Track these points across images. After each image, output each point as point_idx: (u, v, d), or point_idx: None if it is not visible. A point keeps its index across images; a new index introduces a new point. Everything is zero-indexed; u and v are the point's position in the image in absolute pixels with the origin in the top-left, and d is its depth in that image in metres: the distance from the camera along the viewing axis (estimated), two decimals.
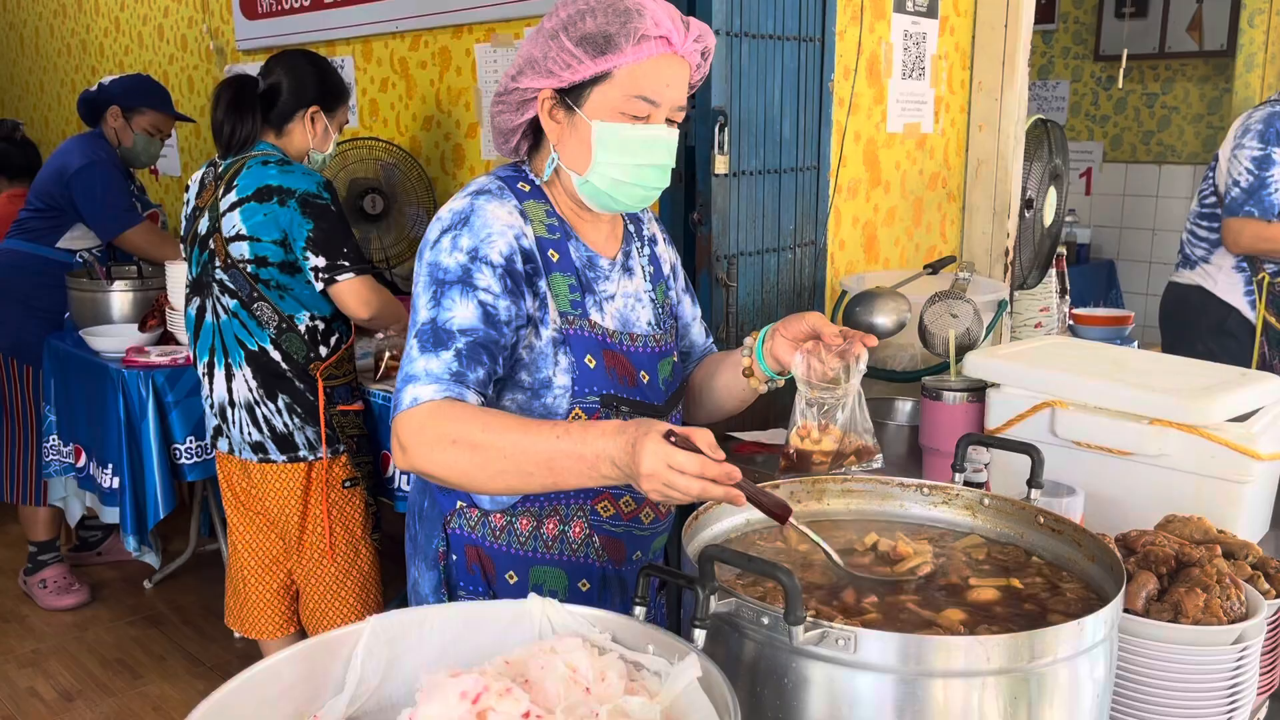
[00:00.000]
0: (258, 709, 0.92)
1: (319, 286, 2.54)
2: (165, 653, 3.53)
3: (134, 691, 3.30)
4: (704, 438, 1.17)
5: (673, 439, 1.16)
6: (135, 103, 3.82)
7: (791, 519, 1.18)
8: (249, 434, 2.62)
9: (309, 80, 2.68)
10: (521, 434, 1.28)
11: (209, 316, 2.63)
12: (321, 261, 2.51)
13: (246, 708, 0.91)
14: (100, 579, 4.08)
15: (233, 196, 2.54)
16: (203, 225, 2.61)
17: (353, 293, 2.54)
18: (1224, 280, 3.26)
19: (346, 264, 2.53)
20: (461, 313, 1.39)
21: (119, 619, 3.78)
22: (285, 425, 2.61)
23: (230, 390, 2.61)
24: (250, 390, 2.59)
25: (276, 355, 2.58)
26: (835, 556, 1.20)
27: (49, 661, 3.48)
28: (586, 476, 1.25)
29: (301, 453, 2.64)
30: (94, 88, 3.85)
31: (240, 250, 2.52)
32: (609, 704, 0.87)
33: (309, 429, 2.63)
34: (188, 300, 2.70)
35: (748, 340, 1.58)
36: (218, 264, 2.57)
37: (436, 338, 1.37)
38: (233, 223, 2.53)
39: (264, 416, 2.60)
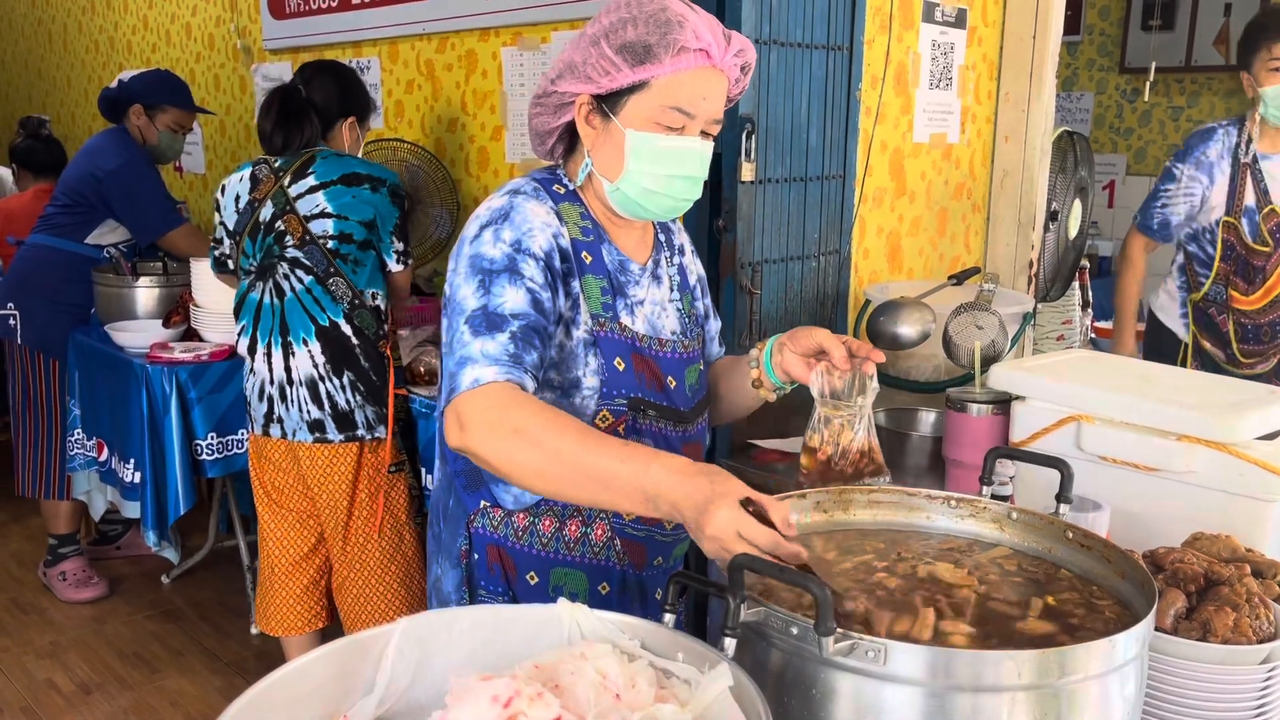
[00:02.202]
0: (289, 707, 0.92)
1: (399, 267, 2.79)
2: (183, 648, 3.55)
3: (151, 686, 3.32)
4: (780, 513, 1.13)
5: (750, 508, 1.13)
6: (158, 100, 3.83)
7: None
8: (309, 412, 2.68)
9: (347, 91, 2.90)
10: (584, 446, 1.25)
11: (269, 299, 2.70)
12: (403, 246, 2.79)
13: (278, 706, 0.91)
14: (119, 573, 4.10)
15: (311, 180, 2.68)
16: (265, 213, 2.70)
17: (409, 278, 2.86)
18: (1164, 299, 3.24)
19: (412, 251, 2.84)
20: (512, 298, 1.39)
21: (137, 613, 3.80)
22: (347, 402, 2.69)
23: (290, 369, 2.68)
24: (316, 366, 2.67)
25: (348, 329, 2.69)
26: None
27: (67, 654, 3.51)
28: (638, 505, 1.22)
29: (359, 431, 2.71)
30: (114, 84, 3.86)
31: (323, 227, 2.65)
32: (641, 711, 0.87)
33: (369, 408, 2.72)
34: (250, 287, 2.75)
35: (754, 351, 1.58)
36: (290, 243, 2.66)
37: (490, 321, 1.37)
38: (315, 202, 2.66)
39: (327, 393, 2.68)
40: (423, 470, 2.93)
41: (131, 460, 3.30)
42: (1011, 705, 0.95)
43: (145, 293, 3.70)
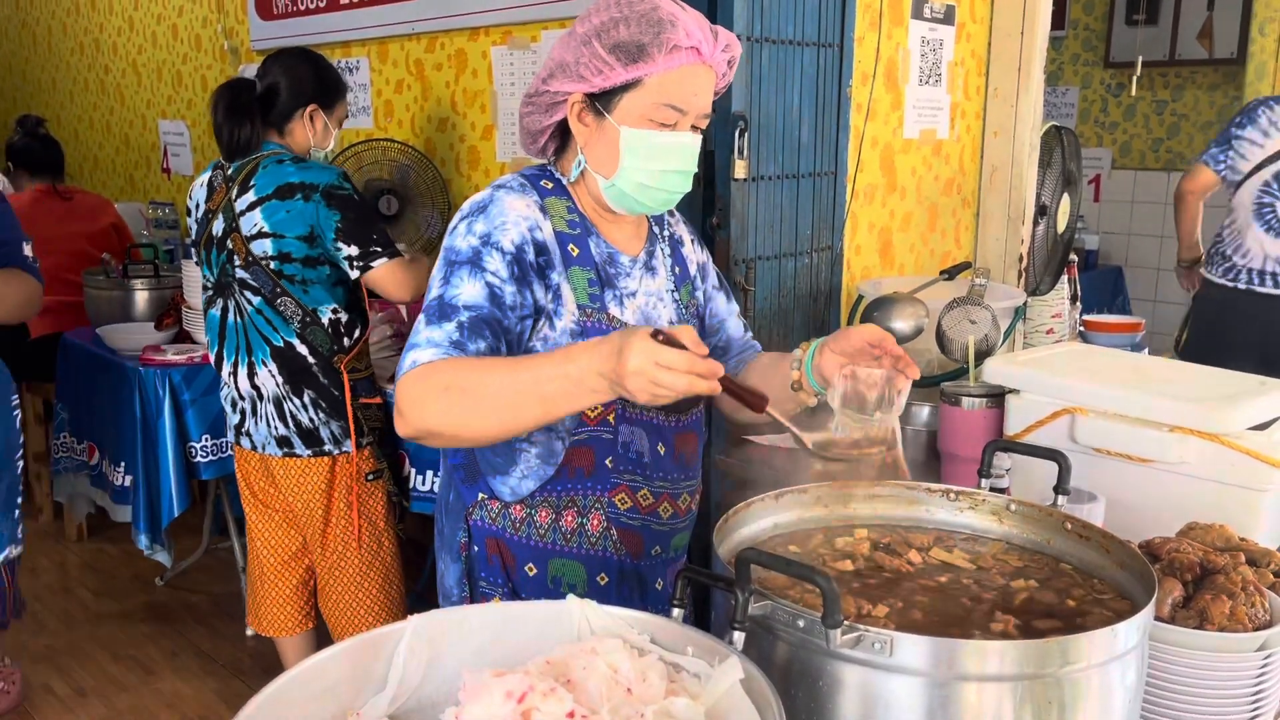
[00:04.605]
0: (304, 705, 0.93)
1: (354, 275, 2.57)
2: (177, 650, 3.55)
3: (147, 688, 3.31)
4: (689, 335, 1.21)
5: (660, 338, 1.20)
6: None
7: (768, 408, 1.26)
8: (275, 428, 2.65)
9: (305, 79, 2.68)
10: (510, 368, 1.33)
11: (232, 316, 2.65)
12: (354, 250, 2.54)
13: (293, 704, 0.92)
14: (112, 575, 4.09)
15: (251, 196, 2.55)
16: (217, 227, 2.63)
17: (388, 277, 2.58)
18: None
19: (379, 249, 2.57)
20: (468, 290, 1.43)
21: (131, 616, 3.79)
22: (311, 420, 2.65)
23: (256, 386, 2.64)
24: (278, 385, 2.62)
25: (303, 349, 2.61)
26: (806, 441, 1.29)
27: (62, 657, 3.50)
28: (576, 396, 1.28)
29: (326, 447, 2.67)
30: None
31: (263, 247, 2.55)
32: (654, 705, 0.88)
33: (334, 423, 2.67)
34: (210, 302, 2.72)
35: (797, 352, 1.56)
36: (238, 263, 2.59)
37: (441, 312, 1.42)
38: (254, 221, 2.55)
39: (290, 411, 2.63)
40: (413, 472, 2.93)
41: (122, 464, 3.30)
42: (1015, 694, 0.97)
43: (137, 295, 3.69)
